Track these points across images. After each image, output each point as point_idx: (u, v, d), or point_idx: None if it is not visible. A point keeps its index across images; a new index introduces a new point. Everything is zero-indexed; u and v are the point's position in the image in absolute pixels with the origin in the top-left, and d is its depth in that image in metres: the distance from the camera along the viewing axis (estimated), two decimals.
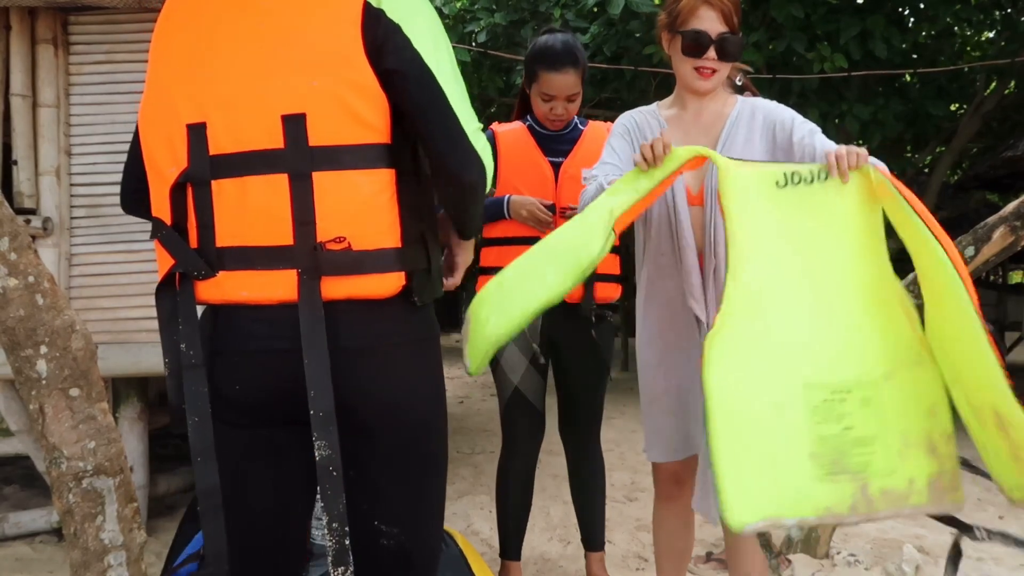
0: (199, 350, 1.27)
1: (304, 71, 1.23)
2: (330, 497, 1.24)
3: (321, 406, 1.23)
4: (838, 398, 1.48)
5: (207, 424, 1.27)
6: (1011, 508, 3.98)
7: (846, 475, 1.46)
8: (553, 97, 2.46)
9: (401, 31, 1.24)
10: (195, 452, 1.26)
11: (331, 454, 1.23)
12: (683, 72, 1.93)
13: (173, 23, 1.34)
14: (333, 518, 1.24)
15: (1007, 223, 2.73)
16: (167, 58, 1.32)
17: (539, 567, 3.07)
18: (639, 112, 2.06)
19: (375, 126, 1.25)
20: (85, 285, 3.18)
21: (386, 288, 1.27)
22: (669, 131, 1.93)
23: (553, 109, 2.48)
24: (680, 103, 2.01)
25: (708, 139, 1.95)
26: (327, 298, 1.24)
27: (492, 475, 2.74)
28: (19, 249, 1.58)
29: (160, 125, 1.31)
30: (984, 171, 8.71)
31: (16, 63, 3.15)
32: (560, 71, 2.42)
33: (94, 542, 1.61)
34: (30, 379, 1.59)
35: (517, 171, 2.54)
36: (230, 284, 1.28)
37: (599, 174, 1.94)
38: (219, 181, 1.27)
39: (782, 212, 1.59)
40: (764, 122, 1.94)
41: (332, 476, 1.24)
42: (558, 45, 2.44)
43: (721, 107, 1.99)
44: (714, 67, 1.89)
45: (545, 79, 2.44)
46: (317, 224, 1.23)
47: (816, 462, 1.45)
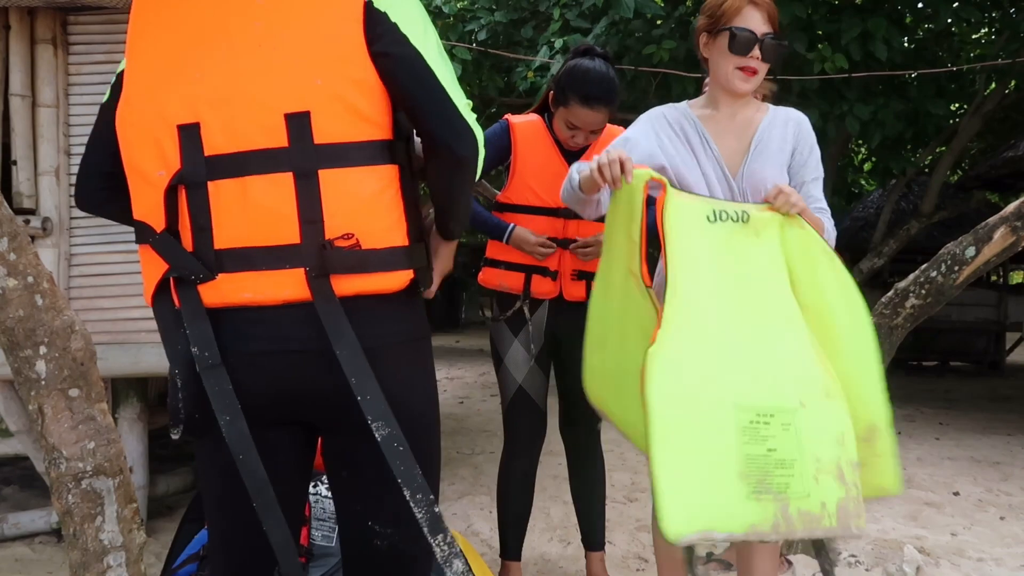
0: (215, 349, 1.25)
1: (307, 69, 1.23)
2: (404, 472, 1.22)
3: (366, 390, 1.22)
4: (763, 421, 1.56)
5: (240, 421, 1.24)
6: (1011, 509, 3.98)
7: (769, 495, 1.53)
8: (578, 128, 2.41)
9: (388, 18, 1.25)
10: (235, 450, 1.23)
11: (392, 431, 1.22)
12: (724, 72, 1.91)
13: (151, 25, 1.31)
14: (415, 491, 1.22)
15: (1008, 223, 2.73)
16: (148, 58, 1.30)
17: (539, 567, 3.07)
18: (671, 108, 2.02)
19: (378, 122, 1.25)
20: (84, 285, 3.18)
21: (394, 285, 1.27)
22: (703, 129, 1.94)
23: (574, 138, 2.44)
24: (713, 104, 2.00)
25: (741, 143, 1.96)
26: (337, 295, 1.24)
27: (492, 475, 2.74)
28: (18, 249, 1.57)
29: (143, 126, 1.28)
30: (985, 171, 8.71)
31: (15, 63, 3.14)
32: (592, 108, 2.36)
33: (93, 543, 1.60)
34: (29, 379, 1.58)
35: (532, 167, 2.50)
36: (230, 286, 1.26)
37: None
38: (216, 182, 1.25)
39: (712, 245, 1.69)
40: (796, 135, 1.97)
41: (399, 451, 1.22)
42: (598, 79, 2.37)
43: (754, 112, 1.99)
44: (756, 67, 1.88)
45: (575, 111, 2.37)
46: (325, 222, 1.23)
47: (744, 481, 1.52)
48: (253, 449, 1.24)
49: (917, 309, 2.83)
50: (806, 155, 1.96)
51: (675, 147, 1.94)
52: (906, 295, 2.83)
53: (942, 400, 7.88)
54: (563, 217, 2.48)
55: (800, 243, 1.74)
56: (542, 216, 2.50)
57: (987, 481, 4.56)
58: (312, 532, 2.11)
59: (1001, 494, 4.28)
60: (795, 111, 2.03)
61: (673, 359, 1.55)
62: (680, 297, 1.61)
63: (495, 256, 2.55)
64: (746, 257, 1.70)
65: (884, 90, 6.15)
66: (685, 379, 1.55)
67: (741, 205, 1.76)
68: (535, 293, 2.51)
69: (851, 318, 1.72)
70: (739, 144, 1.96)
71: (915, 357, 10.61)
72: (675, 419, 1.51)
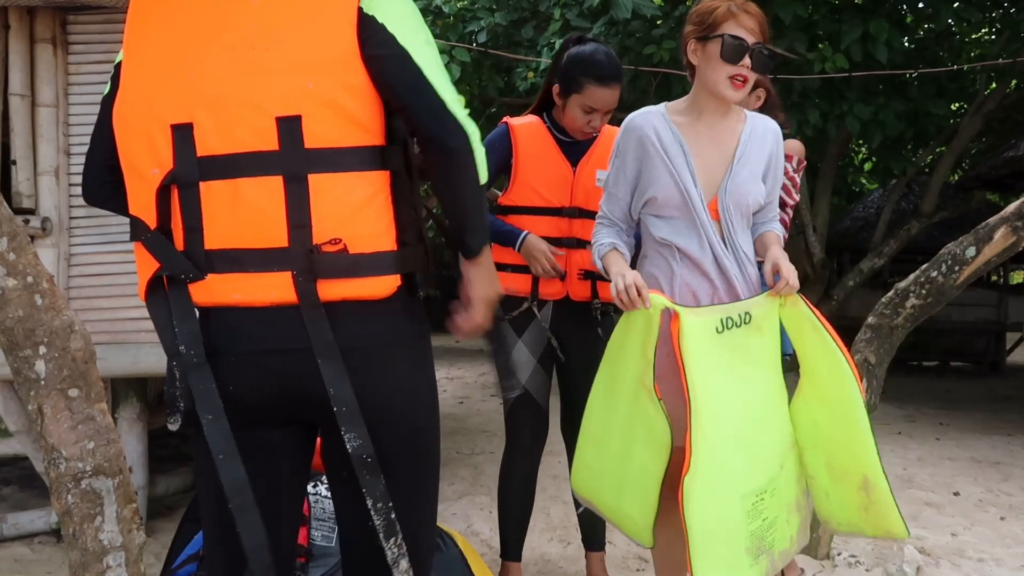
0: (200, 349, 1.26)
1: (298, 73, 1.22)
2: (369, 481, 1.26)
3: (343, 401, 1.24)
4: (760, 499, 1.82)
5: (222, 421, 1.25)
6: (1011, 509, 3.98)
7: (765, 554, 1.83)
8: (596, 110, 2.42)
9: (376, 19, 1.24)
10: (216, 450, 1.24)
11: (363, 443, 1.25)
12: (714, 80, 1.90)
13: (148, 22, 1.31)
14: (376, 499, 1.27)
15: (1008, 223, 2.73)
16: (145, 57, 1.30)
17: (539, 568, 3.07)
18: (646, 114, 2.02)
19: (369, 128, 1.25)
20: (84, 285, 3.17)
21: (381, 290, 1.27)
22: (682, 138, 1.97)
23: (591, 122, 2.44)
24: (696, 112, 1.99)
25: (723, 155, 1.96)
26: (323, 299, 1.24)
27: (492, 475, 2.74)
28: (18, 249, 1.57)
29: (139, 125, 1.29)
30: (985, 171, 8.70)
31: (15, 62, 3.14)
32: (609, 86, 2.38)
33: (93, 543, 1.60)
34: (29, 379, 1.58)
35: (535, 168, 2.50)
36: (220, 287, 1.27)
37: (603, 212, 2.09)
38: (208, 183, 1.25)
39: (721, 353, 1.84)
40: (773, 146, 2.01)
41: (367, 463, 1.26)
42: (605, 59, 2.41)
43: (735, 123, 2.00)
44: (747, 76, 1.88)
45: (591, 93, 2.38)
46: (313, 227, 1.23)
47: (749, 554, 1.80)
48: (234, 450, 1.25)
49: (917, 309, 2.83)
50: (777, 168, 2.02)
51: (650, 161, 1.97)
52: (906, 295, 2.83)
53: (942, 400, 7.88)
54: (568, 216, 2.47)
55: (794, 319, 1.93)
56: (546, 216, 2.49)
57: (987, 481, 4.56)
58: (312, 532, 2.11)
59: (1001, 494, 4.28)
60: (771, 120, 2.06)
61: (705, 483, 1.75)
62: (703, 421, 1.76)
63: (500, 260, 2.53)
64: (749, 357, 1.87)
65: (884, 90, 6.15)
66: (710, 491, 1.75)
67: (744, 306, 1.88)
68: (543, 294, 2.51)
69: (838, 381, 1.89)
70: (719, 155, 1.96)
71: (915, 357, 10.61)
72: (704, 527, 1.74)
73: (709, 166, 1.96)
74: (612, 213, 2.08)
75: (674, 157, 1.95)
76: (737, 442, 1.81)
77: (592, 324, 2.51)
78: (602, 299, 2.51)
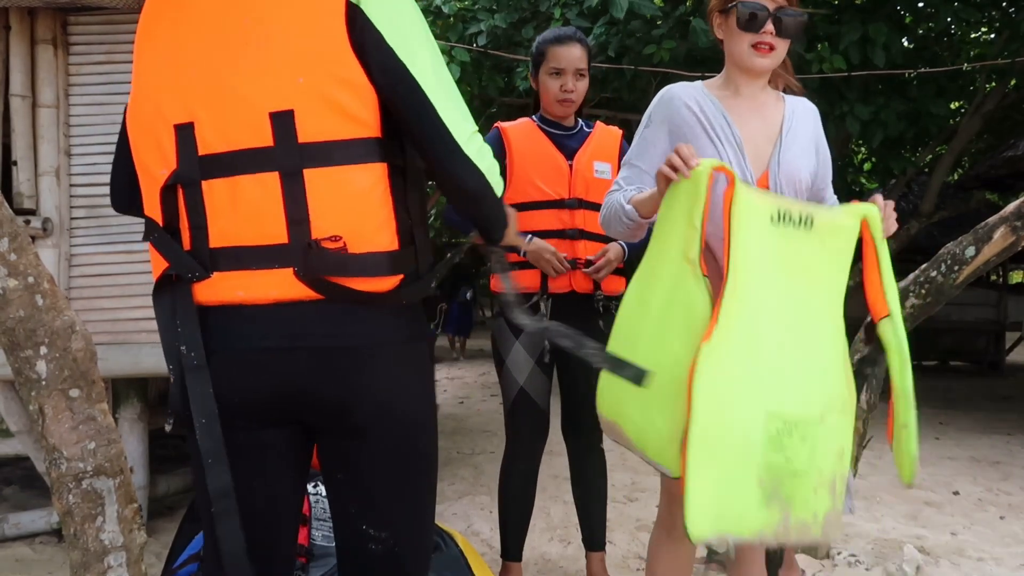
0: (200, 351, 1.26)
1: (289, 68, 1.22)
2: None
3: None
4: (786, 430, 1.56)
5: (215, 425, 1.25)
6: (1011, 508, 3.98)
7: (778, 503, 1.56)
8: (563, 71, 2.52)
9: (372, 25, 1.22)
10: (205, 454, 1.25)
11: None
12: (739, 51, 1.81)
13: (156, 23, 1.33)
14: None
15: (1008, 223, 2.73)
16: (151, 58, 1.31)
17: (539, 567, 3.07)
18: (684, 86, 1.90)
19: (364, 121, 1.24)
20: (85, 286, 3.18)
21: (381, 289, 1.27)
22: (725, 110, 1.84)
23: (563, 85, 2.51)
24: (732, 87, 1.88)
25: (769, 130, 1.86)
26: (324, 297, 1.24)
27: (492, 475, 2.74)
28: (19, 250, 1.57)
29: (147, 126, 1.30)
30: (985, 171, 8.71)
31: (16, 63, 3.14)
32: (567, 44, 2.52)
33: (94, 543, 1.60)
34: (30, 380, 1.58)
35: (532, 164, 2.54)
36: (225, 285, 1.27)
37: (623, 180, 1.89)
38: (210, 181, 1.26)
39: (772, 246, 1.63)
40: (816, 129, 1.92)
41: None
42: (562, 29, 2.61)
43: (775, 100, 1.91)
44: (772, 43, 1.78)
45: (553, 53, 2.52)
46: (311, 222, 1.23)
47: (761, 488, 1.54)
48: (223, 455, 1.25)
49: (917, 309, 2.84)
50: (824, 146, 1.91)
51: (691, 131, 1.82)
52: (906, 295, 2.83)
53: (942, 400, 7.88)
54: (569, 208, 2.49)
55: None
56: (548, 210, 2.51)
57: (987, 481, 4.56)
58: (312, 532, 2.11)
59: (1001, 494, 4.29)
60: (809, 102, 1.95)
61: (724, 358, 1.54)
62: (739, 296, 1.57)
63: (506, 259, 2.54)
64: (803, 264, 1.65)
65: (884, 90, 6.14)
66: (731, 380, 1.54)
67: (807, 207, 1.67)
68: (552, 288, 2.52)
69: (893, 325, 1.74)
70: (766, 130, 1.86)
71: (915, 357, 10.57)
72: (714, 420, 1.52)
73: (756, 140, 1.84)
74: (628, 184, 1.90)
75: (719, 128, 1.82)
76: (772, 346, 1.58)
77: (594, 317, 2.52)
78: (604, 292, 2.53)
